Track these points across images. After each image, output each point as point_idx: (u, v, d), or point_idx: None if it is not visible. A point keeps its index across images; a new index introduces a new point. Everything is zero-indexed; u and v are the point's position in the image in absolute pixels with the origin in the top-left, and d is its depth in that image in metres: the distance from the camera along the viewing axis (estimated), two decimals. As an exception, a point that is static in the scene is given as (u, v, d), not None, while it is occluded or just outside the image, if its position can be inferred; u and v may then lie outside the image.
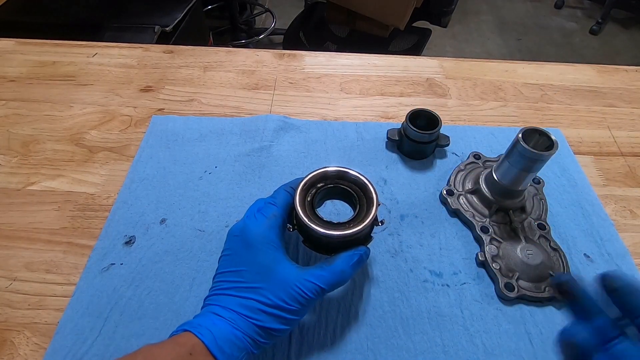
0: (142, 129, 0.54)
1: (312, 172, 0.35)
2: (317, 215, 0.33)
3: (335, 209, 0.45)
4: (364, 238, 0.35)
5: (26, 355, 0.35)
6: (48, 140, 0.52)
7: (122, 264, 0.40)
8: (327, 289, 0.30)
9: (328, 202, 0.43)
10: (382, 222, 0.36)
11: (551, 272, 0.39)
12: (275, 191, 0.35)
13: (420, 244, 0.43)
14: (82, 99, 0.58)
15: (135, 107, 0.57)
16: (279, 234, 0.32)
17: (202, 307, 0.31)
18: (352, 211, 0.35)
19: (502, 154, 0.44)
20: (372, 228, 0.35)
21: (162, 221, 0.44)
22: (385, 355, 0.35)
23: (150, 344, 0.27)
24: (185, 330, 0.28)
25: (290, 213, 0.35)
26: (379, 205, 0.34)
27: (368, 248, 0.34)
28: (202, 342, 0.27)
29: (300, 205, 0.33)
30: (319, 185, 0.35)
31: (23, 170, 0.49)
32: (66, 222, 0.44)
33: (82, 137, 0.53)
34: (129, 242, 0.42)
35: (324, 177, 0.36)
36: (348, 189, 0.36)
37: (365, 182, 0.35)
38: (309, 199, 0.34)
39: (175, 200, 0.46)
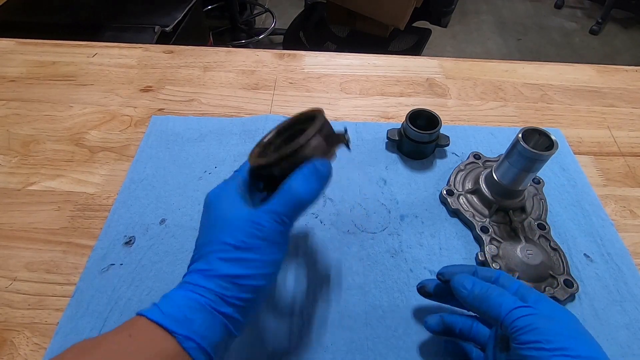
0: (142, 129, 0.54)
1: (269, 131, 0.34)
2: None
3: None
4: (320, 151, 0.29)
5: (26, 355, 0.34)
6: (48, 140, 0.52)
7: (121, 264, 0.40)
8: (282, 211, 0.27)
9: None
10: (345, 134, 0.31)
11: (551, 272, 0.40)
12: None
13: (420, 244, 0.43)
14: (82, 99, 0.58)
15: (135, 107, 0.57)
16: (238, 188, 0.30)
17: None
18: None
19: (502, 154, 0.44)
20: (328, 142, 0.30)
21: (162, 221, 0.44)
22: (385, 355, 0.35)
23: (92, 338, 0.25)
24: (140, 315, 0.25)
25: (252, 176, 0.32)
26: (323, 116, 0.30)
27: (325, 160, 0.29)
28: (145, 316, 0.24)
29: (253, 154, 0.31)
30: (276, 142, 0.33)
31: (23, 170, 0.49)
32: (66, 222, 0.44)
33: (82, 137, 0.53)
34: (129, 242, 0.42)
35: (280, 131, 0.33)
36: (303, 128, 0.30)
37: (315, 113, 0.31)
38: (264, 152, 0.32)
39: (175, 201, 0.46)
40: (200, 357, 0.24)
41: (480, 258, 0.41)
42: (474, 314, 0.33)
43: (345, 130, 0.31)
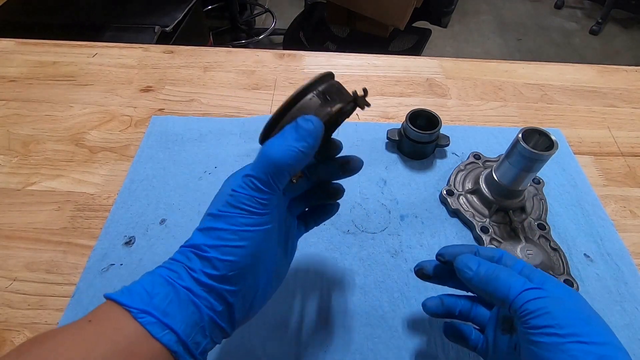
0: (142, 129, 0.54)
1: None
2: None
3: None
4: (311, 110, 0.26)
5: (26, 356, 0.34)
6: (48, 140, 0.52)
7: (121, 264, 0.40)
8: (255, 174, 0.23)
9: None
10: (365, 92, 0.27)
11: (551, 272, 0.39)
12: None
13: (420, 244, 0.43)
14: (82, 99, 0.58)
15: (135, 107, 0.57)
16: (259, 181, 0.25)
17: None
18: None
19: (502, 154, 0.44)
20: (325, 97, 0.26)
21: (162, 221, 0.44)
22: (385, 355, 0.35)
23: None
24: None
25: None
26: (327, 73, 0.27)
27: (310, 115, 0.25)
28: (109, 298, 0.22)
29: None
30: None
31: (23, 170, 0.49)
32: (66, 222, 0.44)
33: (82, 137, 0.53)
34: (129, 242, 0.42)
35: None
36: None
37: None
38: None
39: (175, 201, 0.46)
40: (166, 336, 0.21)
41: (480, 258, 0.41)
42: (472, 295, 0.32)
43: (364, 91, 0.27)
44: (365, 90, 0.27)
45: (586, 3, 2.67)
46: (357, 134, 0.54)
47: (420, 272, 0.33)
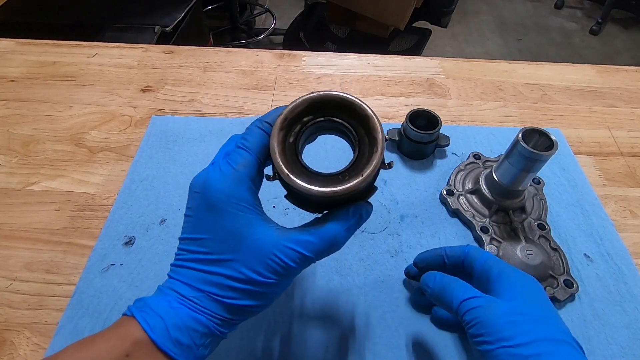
0: (142, 129, 0.54)
1: (296, 100, 0.26)
2: (302, 164, 0.25)
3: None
4: (365, 191, 0.26)
5: (26, 355, 0.34)
6: (48, 140, 0.52)
7: (121, 264, 0.40)
8: (314, 258, 0.24)
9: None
10: (390, 165, 0.25)
11: (551, 272, 0.39)
12: (247, 128, 0.27)
13: (421, 244, 0.43)
14: (82, 99, 0.58)
15: (135, 107, 0.57)
16: (252, 187, 0.25)
17: (166, 280, 0.25)
18: (352, 151, 0.26)
19: (502, 154, 0.44)
20: (376, 176, 0.26)
21: (162, 221, 0.44)
22: (385, 355, 0.35)
23: (83, 339, 0.23)
24: (133, 315, 0.23)
25: (268, 156, 0.26)
26: (386, 141, 0.25)
27: (370, 204, 0.26)
28: (149, 336, 0.22)
29: (279, 152, 0.24)
30: (305, 120, 0.26)
31: (23, 170, 0.49)
32: (66, 222, 0.44)
33: (82, 137, 0.53)
34: (129, 242, 0.42)
35: (313, 105, 0.26)
36: (346, 124, 0.26)
37: (367, 114, 0.25)
38: (291, 139, 0.26)
39: (175, 201, 0.46)
40: None
41: (480, 258, 0.41)
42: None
43: (390, 165, 0.26)
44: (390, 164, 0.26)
45: (586, 3, 2.67)
46: (357, 134, 0.54)
47: (409, 275, 0.39)
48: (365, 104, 0.25)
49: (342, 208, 0.25)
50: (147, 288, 0.39)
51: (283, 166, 0.24)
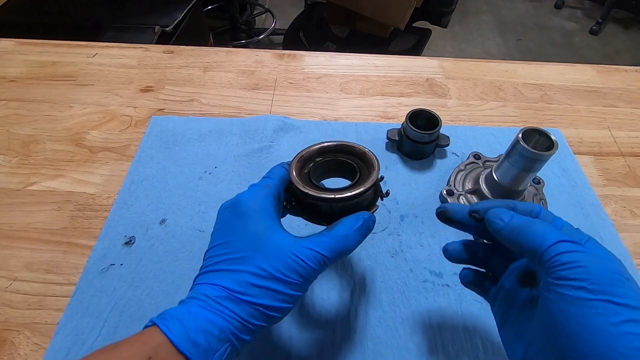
0: (142, 129, 0.54)
1: (310, 146, 0.34)
2: (314, 184, 0.31)
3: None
4: (368, 204, 0.32)
5: (26, 355, 0.35)
6: (48, 140, 0.52)
7: (122, 264, 0.40)
8: (329, 257, 0.26)
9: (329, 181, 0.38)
10: (387, 193, 0.33)
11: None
12: (271, 168, 0.32)
13: (420, 244, 0.43)
14: (82, 99, 0.58)
15: (135, 107, 0.57)
16: (274, 203, 0.29)
17: (190, 290, 0.27)
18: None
19: (502, 154, 0.44)
20: (375, 195, 0.33)
21: (162, 221, 0.44)
22: (385, 355, 0.35)
23: (106, 346, 0.24)
24: (154, 323, 0.24)
25: (287, 190, 0.32)
26: (379, 168, 0.32)
27: (373, 215, 0.30)
28: (168, 338, 0.23)
29: (295, 174, 0.31)
30: (317, 160, 0.33)
31: (23, 170, 0.49)
32: (66, 222, 0.44)
33: (82, 137, 0.53)
34: (129, 242, 0.42)
35: (322, 150, 0.34)
36: (347, 160, 0.33)
37: (364, 151, 0.33)
38: (305, 171, 0.32)
39: (175, 201, 0.46)
40: None
41: (480, 258, 0.41)
42: (492, 244, 0.31)
43: (387, 193, 0.33)
44: (387, 192, 0.33)
45: (586, 3, 2.67)
46: (357, 134, 0.54)
47: (443, 215, 0.32)
48: (359, 145, 0.33)
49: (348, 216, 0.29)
50: (147, 288, 0.39)
51: (298, 181, 0.30)
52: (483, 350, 0.36)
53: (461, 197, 0.46)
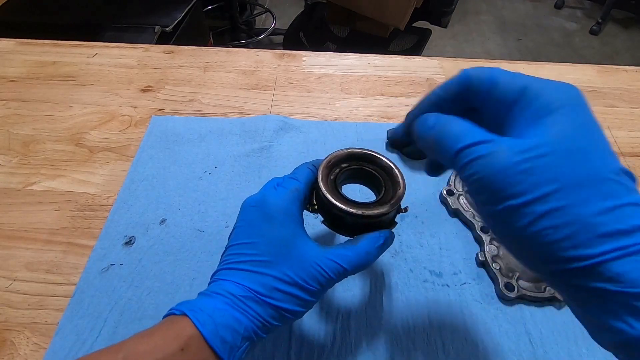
0: (142, 129, 0.54)
1: (337, 151, 0.34)
2: (341, 194, 0.31)
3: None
4: (389, 222, 0.33)
5: (26, 355, 0.35)
6: (48, 140, 0.52)
7: (122, 264, 0.40)
8: (349, 270, 0.28)
9: (349, 186, 0.38)
10: (406, 209, 0.34)
11: None
12: (296, 168, 0.32)
13: (420, 244, 0.43)
14: (82, 99, 0.58)
15: (135, 107, 0.57)
16: (300, 209, 0.30)
17: (210, 283, 0.28)
18: (376, 195, 0.33)
19: (502, 154, 0.44)
20: (397, 212, 0.33)
21: (162, 221, 0.44)
22: (385, 355, 0.35)
23: (139, 332, 0.24)
24: (183, 314, 0.25)
25: (311, 192, 0.32)
26: (405, 187, 0.32)
27: (392, 232, 0.31)
28: (200, 332, 0.24)
29: (323, 182, 0.31)
30: (343, 165, 0.34)
31: (23, 170, 0.49)
32: (66, 222, 0.44)
33: (82, 137, 0.53)
34: (129, 242, 0.42)
35: (350, 157, 0.34)
36: (373, 171, 0.34)
37: (391, 166, 0.34)
38: (332, 177, 0.33)
39: (175, 201, 0.46)
40: None
41: (480, 258, 0.41)
42: None
43: (406, 209, 0.34)
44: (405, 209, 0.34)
45: (586, 3, 2.67)
46: (357, 134, 0.54)
47: (390, 143, 0.33)
48: (387, 158, 0.34)
49: (370, 231, 0.30)
50: (147, 288, 0.39)
51: (327, 192, 0.30)
52: (483, 351, 0.36)
53: (461, 197, 0.46)
